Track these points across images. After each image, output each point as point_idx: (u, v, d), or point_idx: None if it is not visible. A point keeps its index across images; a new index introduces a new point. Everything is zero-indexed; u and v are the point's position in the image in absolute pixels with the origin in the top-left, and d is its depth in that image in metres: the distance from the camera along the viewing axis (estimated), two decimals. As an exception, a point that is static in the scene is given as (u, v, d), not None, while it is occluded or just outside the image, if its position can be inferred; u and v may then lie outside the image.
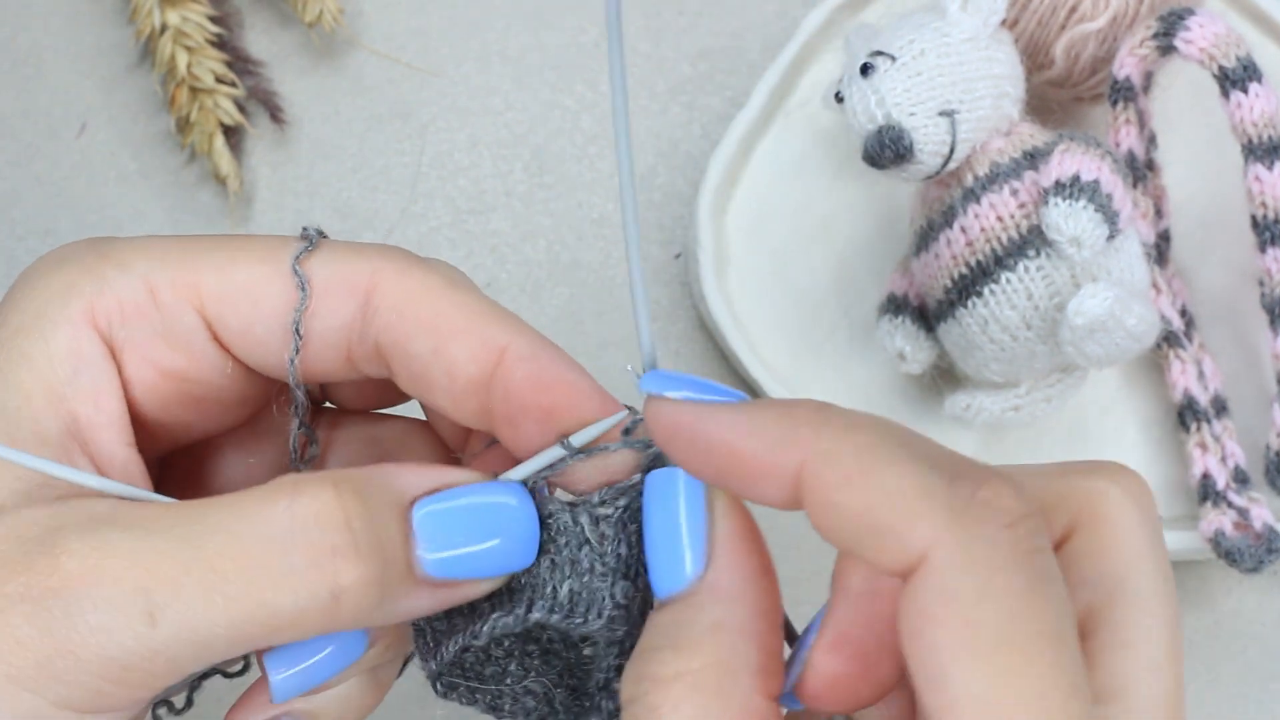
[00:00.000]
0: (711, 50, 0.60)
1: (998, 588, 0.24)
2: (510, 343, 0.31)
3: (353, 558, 0.28)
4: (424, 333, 0.31)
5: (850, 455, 0.25)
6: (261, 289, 0.31)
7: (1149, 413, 0.53)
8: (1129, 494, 0.28)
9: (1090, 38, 0.51)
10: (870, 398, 0.54)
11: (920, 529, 0.24)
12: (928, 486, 0.24)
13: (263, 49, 0.61)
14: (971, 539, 0.24)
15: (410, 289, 0.31)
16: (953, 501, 0.24)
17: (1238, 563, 0.48)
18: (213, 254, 0.31)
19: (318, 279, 0.31)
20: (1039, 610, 0.24)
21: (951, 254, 0.48)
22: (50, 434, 0.29)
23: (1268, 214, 0.49)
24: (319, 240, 0.32)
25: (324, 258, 0.31)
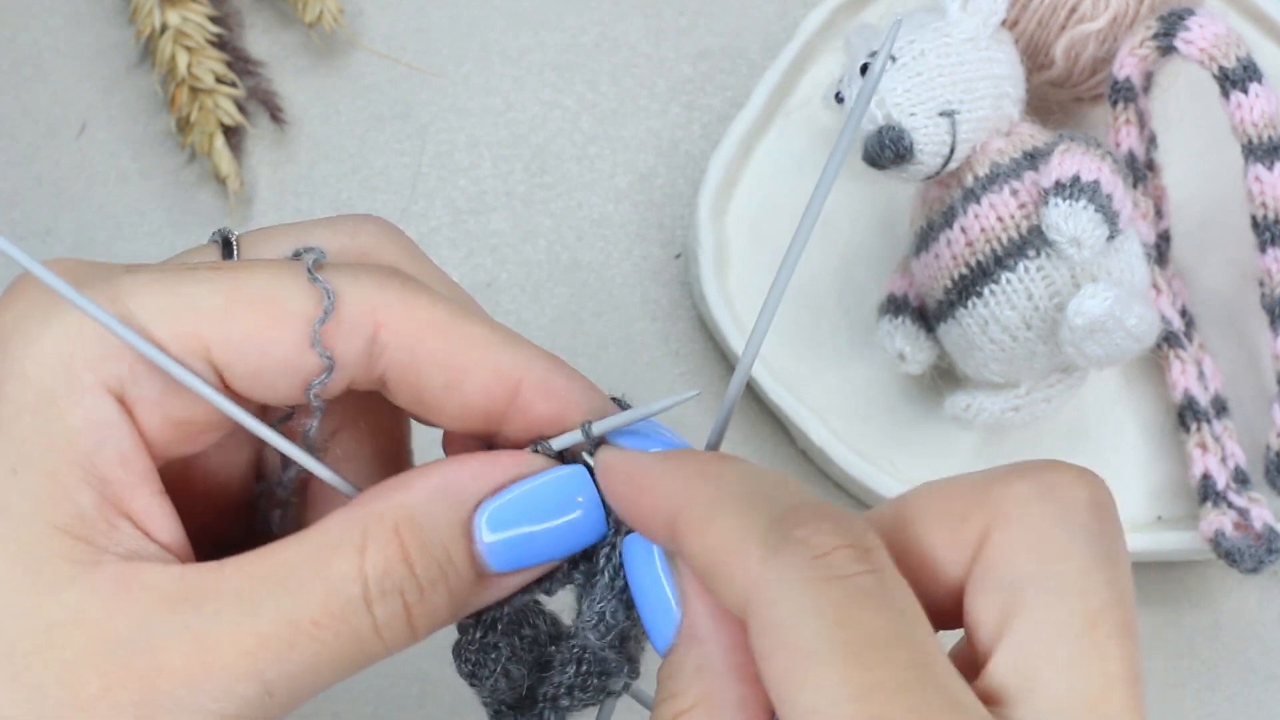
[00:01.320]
0: (712, 50, 0.60)
1: (807, 613, 0.24)
2: (525, 374, 0.32)
3: (421, 598, 0.29)
4: (436, 369, 0.31)
5: (700, 502, 0.27)
6: (268, 336, 0.30)
7: (1149, 413, 0.53)
8: (1047, 491, 0.27)
9: (1090, 38, 0.51)
10: (870, 398, 0.54)
11: (741, 573, 0.26)
12: (748, 532, 0.26)
13: (263, 49, 0.61)
14: (782, 572, 0.25)
15: (418, 324, 0.31)
16: (767, 542, 0.26)
17: (1238, 563, 0.48)
18: (213, 297, 0.30)
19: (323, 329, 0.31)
20: (855, 624, 0.24)
21: (951, 254, 0.48)
22: (87, 509, 0.29)
23: (1268, 214, 0.49)
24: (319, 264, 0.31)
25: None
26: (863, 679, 0.24)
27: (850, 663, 0.24)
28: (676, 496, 0.28)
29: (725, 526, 0.26)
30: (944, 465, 0.52)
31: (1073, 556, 0.26)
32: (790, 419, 0.52)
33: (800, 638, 0.24)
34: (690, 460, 0.29)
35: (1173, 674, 0.51)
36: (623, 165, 0.59)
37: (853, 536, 0.26)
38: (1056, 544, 0.26)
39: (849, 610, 0.24)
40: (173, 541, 0.30)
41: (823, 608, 0.24)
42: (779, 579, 0.25)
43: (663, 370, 0.55)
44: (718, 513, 0.27)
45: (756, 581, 0.25)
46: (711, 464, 0.29)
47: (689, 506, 0.27)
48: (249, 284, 0.30)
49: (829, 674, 0.24)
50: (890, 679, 0.24)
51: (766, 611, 0.25)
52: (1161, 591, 0.52)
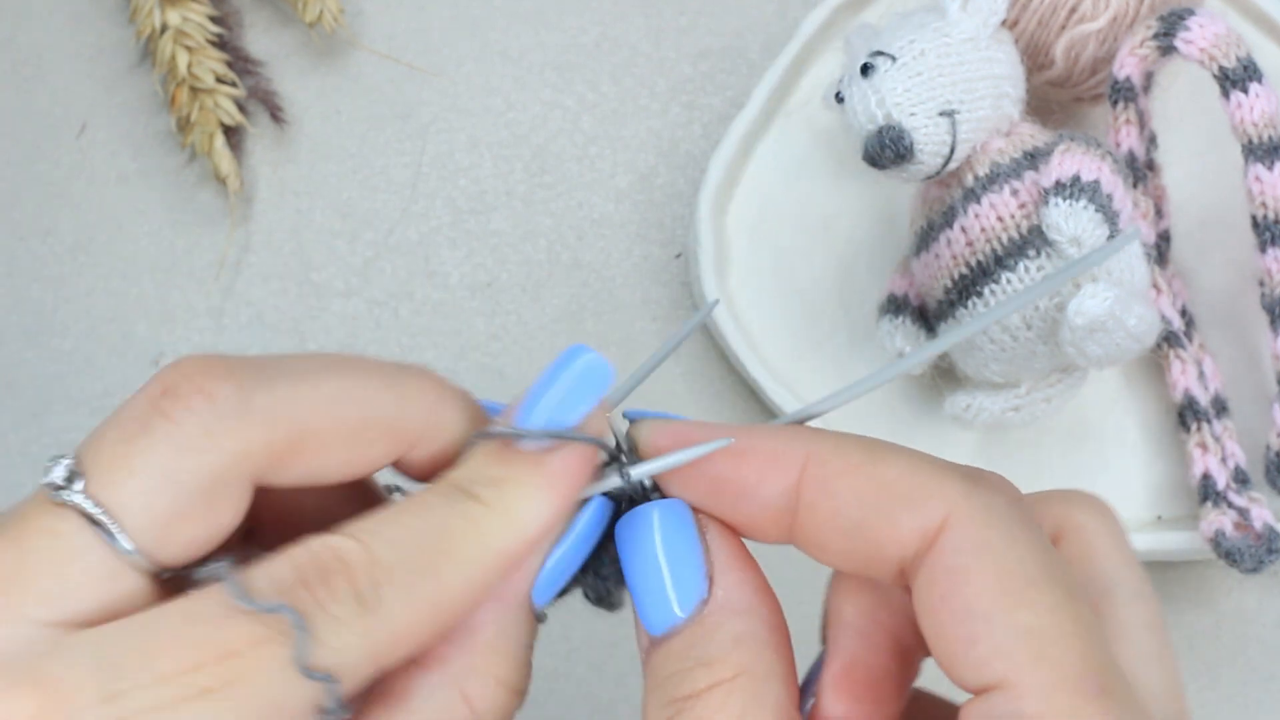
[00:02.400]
0: (712, 50, 0.60)
1: (1023, 541, 0.25)
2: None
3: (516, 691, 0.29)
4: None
5: (854, 450, 0.27)
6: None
7: (1149, 413, 0.53)
8: (1099, 515, 0.29)
9: (1090, 38, 0.51)
10: (870, 398, 0.54)
11: (938, 496, 0.26)
12: (936, 468, 0.27)
13: (263, 49, 0.61)
14: (989, 505, 0.26)
15: (413, 643, 0.28)
16: (965, 477, 0.26)
17: (1238, 563, 0.48)
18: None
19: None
20: (1059, 563, 0.25)
21: (952, 254, 0.48)
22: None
23: (1268, 214, 0.49)
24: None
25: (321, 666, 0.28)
26: (1083, 616, 0.25)
27: (1068, 595, 0.25)
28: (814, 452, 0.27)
29: (900, 464, 0.27)
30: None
31: (1132, 569, 0.28)
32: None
33: (1021, 562, 0.25)
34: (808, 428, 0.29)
35: (1173, 674, 0.51)
36: (623, 165, 0.59)
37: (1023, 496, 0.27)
38: (1120, 557, 0.28)
39: (1051, 556, 0.25)
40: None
41: (1036, 541, 0.25)
42: (989, 506, 0.26)
43: (663, 370, 0.55)
44: (883, 454, 0.27)
45: (963, 503, 0.26)
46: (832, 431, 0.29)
47: (840, 454, 0.27)
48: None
49: (1049, 598, 0.25)
50: (1093, 621, 0.25)
51: (979, 530, 0.25)
52: (1161, 591, 0.52)
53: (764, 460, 0.28)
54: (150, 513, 0.26)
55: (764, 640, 0.28)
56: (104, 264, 0.58)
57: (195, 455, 0.26)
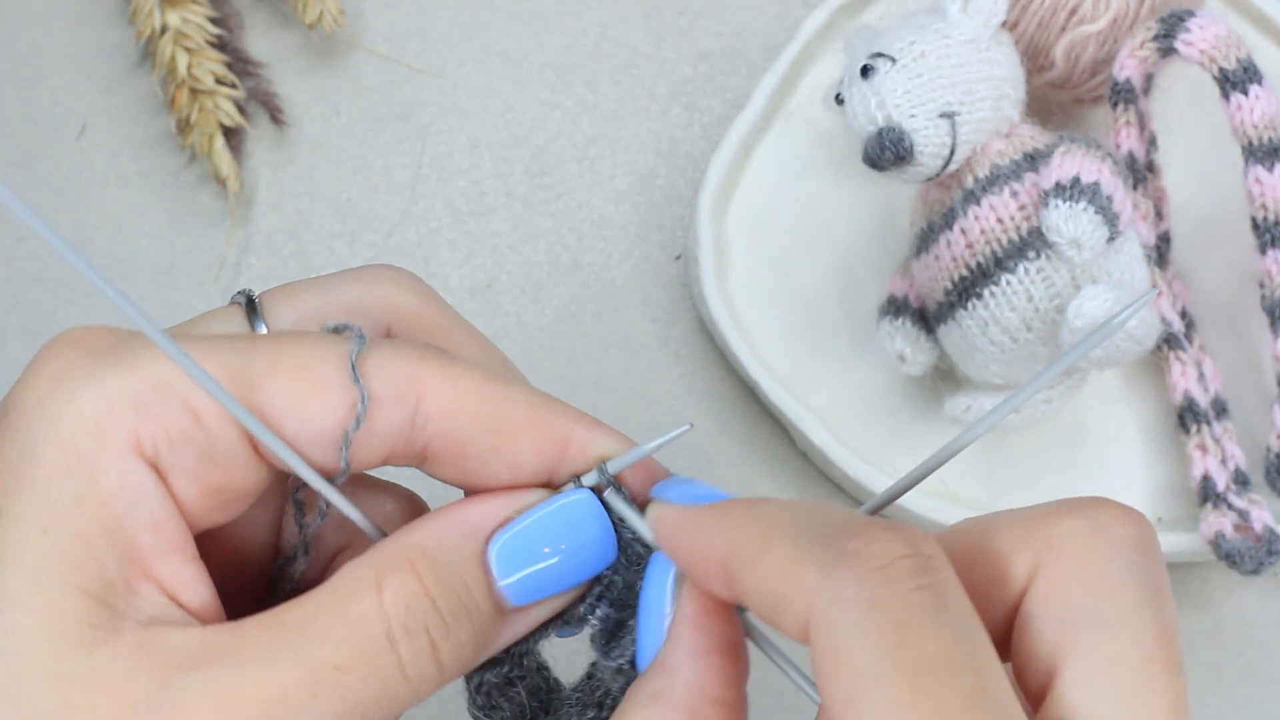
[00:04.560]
0: (712, 52, 0.60)
1: (868, 631, 0.24)
2: (572, 430, 0.32)
3: (445, 633, 0.29)
4: (484, 435, 0.31)
5: (751, 539, 0.27)
6: (307, 406, 0.30)
7: (1149, 415, 0.53)
8: (1096, 526, 0.27)
9: (1090, 39, 0.51)
10: (870, 399, 0.54)
11: (799, 593, 0.25)
12: (803, 554, 0.26)
13: (263, 50, 0.61)
14: (839, 590, 0.25)
15: (461, 394, 0.31)
16: (823, 561, 0.25)
17: (1238, 565, 0.48)
18: (253, 367, 0.30)
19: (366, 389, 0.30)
20: (918, 640, 0.24)
21: (951, 256, 0.48)
22: (111, 573, 0.29)
23: (1268, 216, 0.49)
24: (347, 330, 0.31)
25: (367, 364, 0.30)
26: (924, 704, 0.23)
27: (911, 686, 0.23)
28: (727, 539, 0.28)
29: (778, 555, 0.26)
30: (945, 467, 0.52)
31: (1124, 592, 0.26)
32: (790, 420, 0.52)
33: (860, 658, 0.24)
34: (737, 504, 0.29)
35: (1173, 676, 0.51)
36: (623, 166, 0.59)
37: (910, 545, 0.25)
38: (1108, 580, 0.27)
39: (909, 628, 0.24)
40: (203, 606, 0.30)
41: (883, 626, 0.24)
42: (836, 597, 0.25)
43: (663, 371, 0.55)
44: (770, 544, 0.27)
45: (814, 602, 0.25)
46: (758, 504, 0.28)
47: (741, 545, 0.27)
48: (289, 355, 0.30)
49: (890, 696, 0.23)
50: (953, 704, 0.23)
51: (825, 633, 0.25)
52: (1161, 593, 0.52)
53: (698, 544, 0.29)
54: (294, 309, 0.35)
55: (678, 702, 0.29)
56: (104, 265, 0.58)
57: (351, 281, 0.36)
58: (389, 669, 0.28)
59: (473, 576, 0.30)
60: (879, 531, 0.25)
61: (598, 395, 0.55)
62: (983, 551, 0.28)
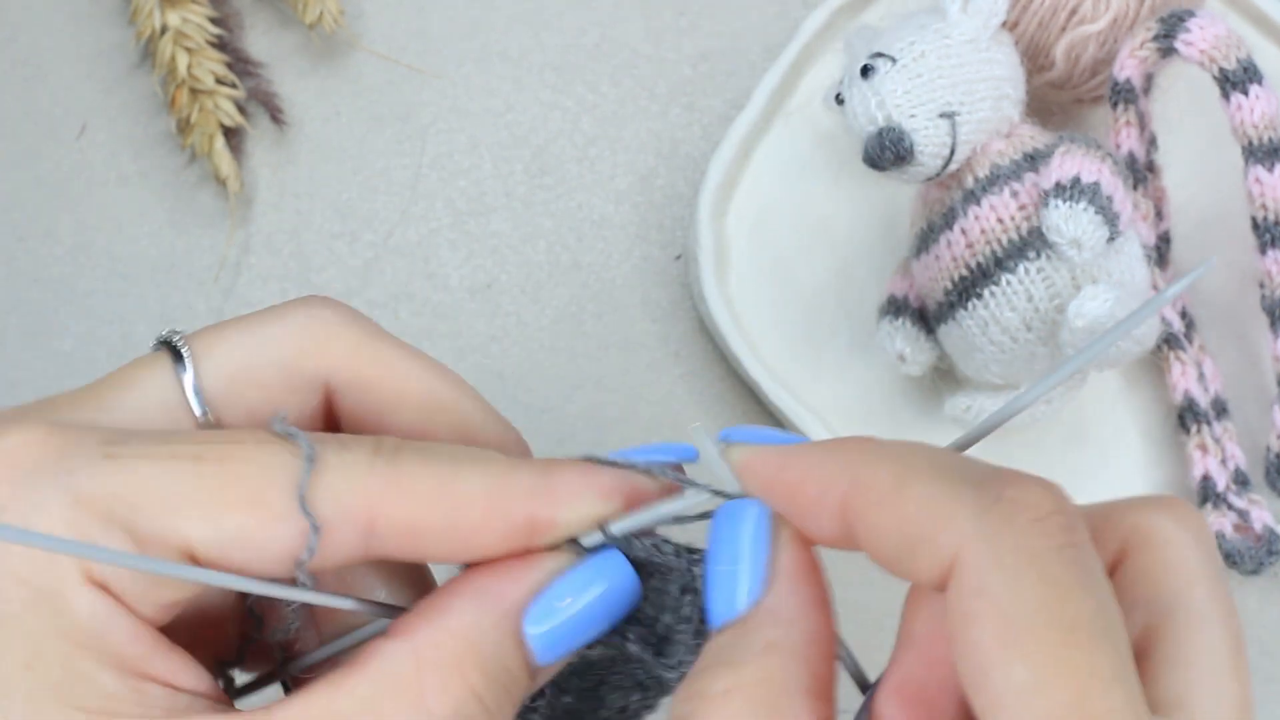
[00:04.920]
0: (712, 52, 0.60)
1: (1028, 579, 0.24)
2: (536, 509, 0.30)
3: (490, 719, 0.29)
4: (442, 540, 0.30)
5: (884, 477, 0.26)
6: (258, 539, 0.29)
7: (1149, 415, 0.53)
8: (1180, 520, 0.28)
9: (1090, 39, 0.51)
10: (870, 399, 0.54)
11: (949, 532, 0.25)
12: (954, 494, 0.25)
13: (263, 50, 0.61)
14: (998, 535, 0.24)
15: (414, 505, 0.29)
16: (979, 503, 0.25)
17: (1238, 565, 0.48)
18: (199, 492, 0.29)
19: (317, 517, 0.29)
20: (1073, 599, 0.24)
21: (952, 256, 0.48)
22: (111, 687, 0.28)
23: (1268, 216, 0.49)
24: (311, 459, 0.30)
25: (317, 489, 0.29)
26: (1079, 662, 0.23)
27: (1067, 641, 0.23)
28: (853, 475, 0.27)
29: (921, 493, 0.26)
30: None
31: (1211, 584, 0.27)
32: (790, 420, 0.52)
33: (1016, 607, 0.24)
34: (855, 441, 0.28)
35: (1173, 676, 0.51)
36: (623, 166, 0.59)
37: (1060, 502, 0.25)
38: (1197, 571, 0.27)
39: (1067, 586, 0.24)
40: (200, 685, 0.29)
41: (1043, 578, 0.24)
42: (995, 542, 0.24)
43: (663, 371, 0.55)
44: (909, 482, 0.26)
45: (967, 544, 0.24)
46: (880, 442, 0.28)
47: (871, 482, 0.27)
48: (237, 483, 0.29)
49: (1045, 649, 0.23)
50: (1102, 667, 0.23)
51: (978, 576, 0.24)
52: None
53: (814, 480, 0.28)
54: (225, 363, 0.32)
55: (796, 652, 0.28)
56: (104, 265, 0.58)
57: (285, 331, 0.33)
58: None
59: (514, 660, 0.29)
60: (1033, 483, 0.25)
61: (598, 395, 0.55)
62: None
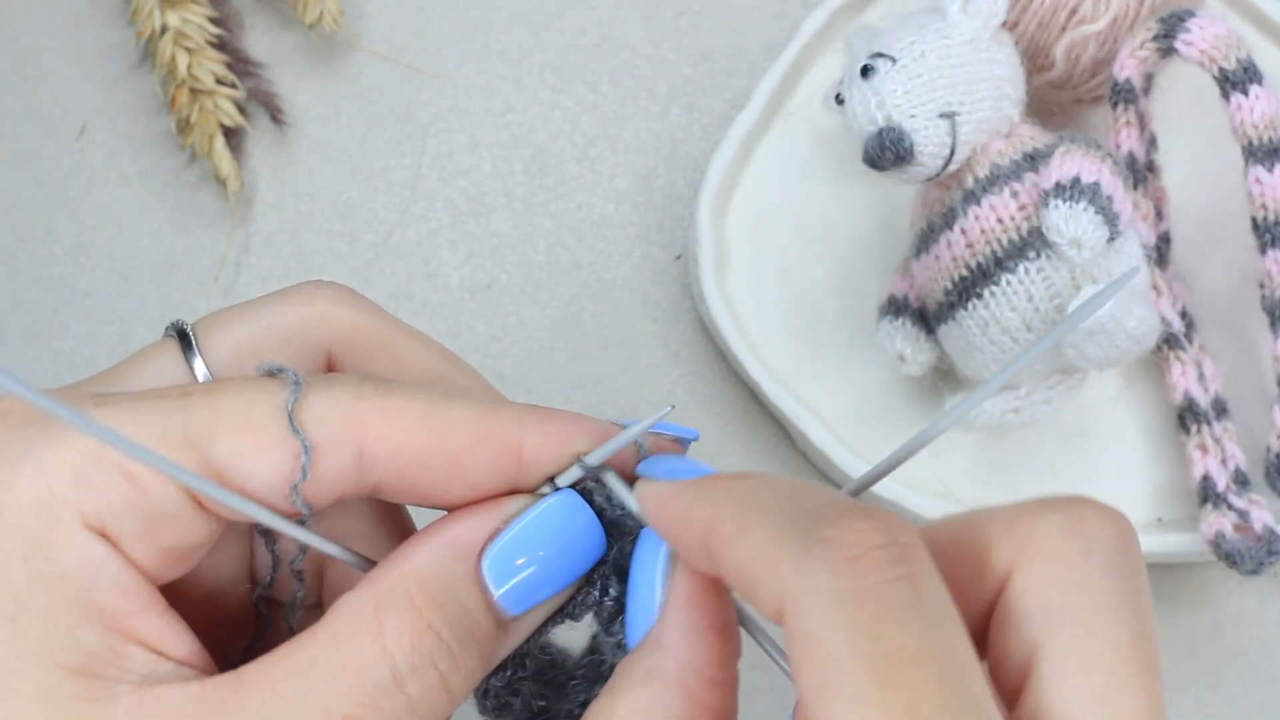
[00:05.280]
0: (712, 52, 0.60)
1: (842, 620, 0.24)
2: (522, 435, 0.31)
3: (453, 662, 0.29)
4: (432, 464, 0.30)
5: (728, 521, 0.27)
6: (250, 462, 0.29)
7: (1149, 415, 0.53)
8: (1075, 523, 0.27)
9: (1090, 39, 0.51)
10: (870, 399, 0.54)
11: (775, 579, 0.25)
12: (779, 538, 0.25)
13: (263, 50, 0.61)
14: (813, 578, 0.24)
15: (403, 428, 0.30)
16: (799, 547, 0.25)
17: (1238, 565, 0.48)
18: (191, 425, 0.29)
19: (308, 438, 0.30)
20: (888, 636, 0.24)
21: (952, 256, 0.48)
22: (92, 645, 0.28)
23: (1268, 216, 0.49)
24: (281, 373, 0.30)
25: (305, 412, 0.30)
26: (896, 698, 0.23)
27: (883, 679, 0.23)
28: (708, 516, 0.27)
29: (755, 537, 0.26)
30: (944, 467, 0.52)
31: (1101, 591, 0.26)
32: (790, 420, 0.52)
33: (832, 650, 0.24)
34: (718, 480, 0.29)
35: (1173, 676, 0.51)
36: (623, 166, 0.59)
37: (887, 534, 0.25)
38: (1086, 578, 0.26)
39: (883, 621, 0.24)
40: (189, 655, 0.29)
41: (856, 619, 0.24)
42: (810, 587, 0.24)
43: (663, 371, 0.55)
44: (748, 525, 0.26)
45: (788, 589, 0.25)
46: (738, 480, 0.28)
47: (721, 522, 0.27)
48: (226, 411, 0.29)
49: (860, 689, 0.23)
50: (925, 699, 0.23)
51: (799, 621, 0.24)
52: (1161, 593, 0.52)
53: (685, 521, 0.28)
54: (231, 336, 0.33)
55: (674, 680, 0.28)
56: (104, 265, 0.58)
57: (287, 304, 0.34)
58: (399, 710, 0.28)
59: (472, 598, 0.30)
60: (856, 519, 0.25)
61: (598, 395, 0.55)
62: (964, 546, 0.27)
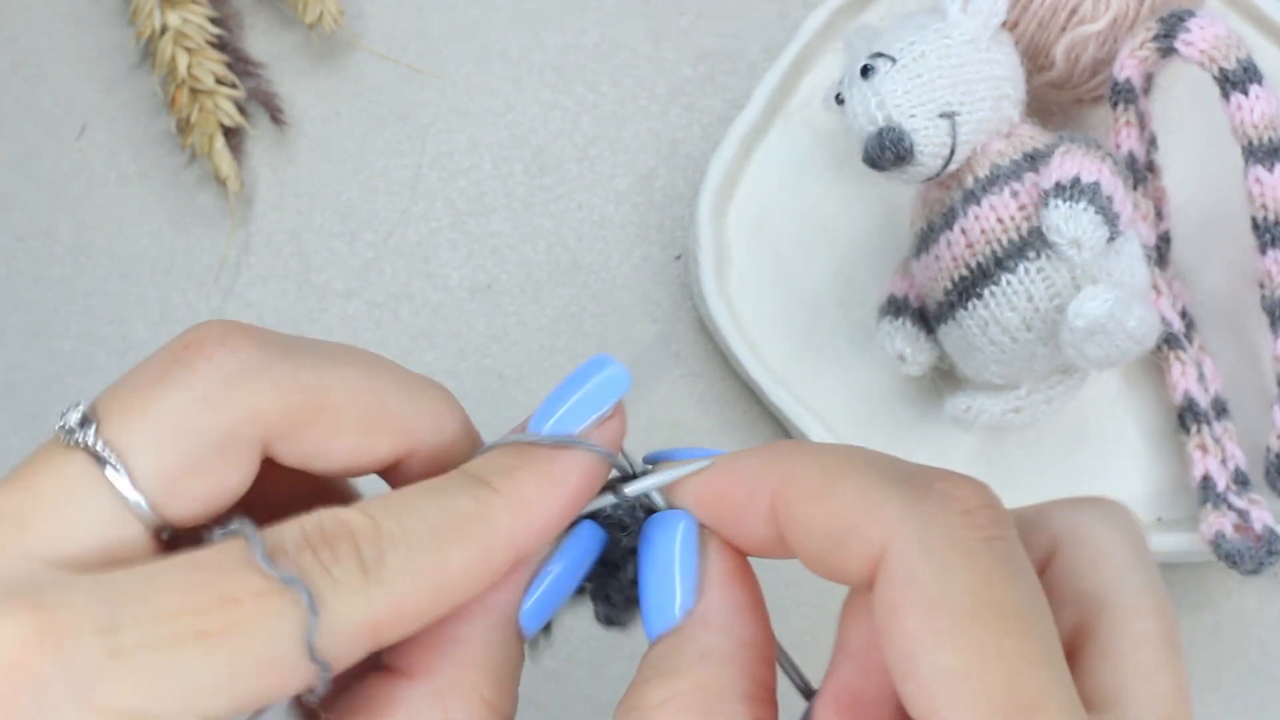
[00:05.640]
0: (712, 52, 0.60)
1: (956, 568, 0.24)
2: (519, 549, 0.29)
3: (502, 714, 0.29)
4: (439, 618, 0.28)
5: (814, 473, 0.27)
6: (271, 696, 0.25)
7: (1149, 415, 0.53)
8: (1108, 516, 0.28)
9: (1090, 39, 0.51)
10: (870, 399, 0.54)
11: (878, 524, 0.25)
12: (883, 487, 0.26)
13: (263, 50, 0.61)
14: (926, 526, 0.25)
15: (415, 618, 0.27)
16: (908, 495, 0.25)
17: (1238, 565, 0.48)
18: (210, 676, 0.25)
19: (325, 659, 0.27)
20: (1000, 587, 0.24)
21: (951, 256, 0.48)
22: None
23: (1268, 216, 0.49)
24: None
25: (324, 640, 0.26)
26: (1009, 646, 0.23)
27: (998, 628, 0.24)
28: (782, 475, 0.27)
29: (851, 486, 0.26)
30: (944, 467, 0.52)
31: (1139, 576, 0.27)
32: (790, 420, 0.52)
33: (946, 595, 0.24)
34: (783, 445, 0.28)
35: (1173, 676, 0.51)
36: (623, 166, 0.59)
37: (988, 496, 0.26)
38: (1125, 566, 0.27)
39: (995, 574, 0.24)
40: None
41: (973, 569, 0.24)
42: (924, 530, 0.25)
43: (663, 372, 0.55)
44: (838, 478, 0.26)
45: (896, 534, 0.25)
46: (807, 444, 0.28)
47: (799, 480, 0.27)
48: (246, 651, 0.25)
49: (976, 635, 0.23)
50: (1031, 651, 0.24)
51: (908, 562, 0.24)
52: (1162, 593, 0.52)
53: (743, 484, 0.28)
54: (160, 460, 0.26)
55: (730, 657, 0.28)
56: (104, 265, 0.58)
57: (211, 407, 0.26)
58: None
59: (516, 651, 0.29)
60: (962, 478, 0.26)
61: (598, 395, 0.55)
62: None
